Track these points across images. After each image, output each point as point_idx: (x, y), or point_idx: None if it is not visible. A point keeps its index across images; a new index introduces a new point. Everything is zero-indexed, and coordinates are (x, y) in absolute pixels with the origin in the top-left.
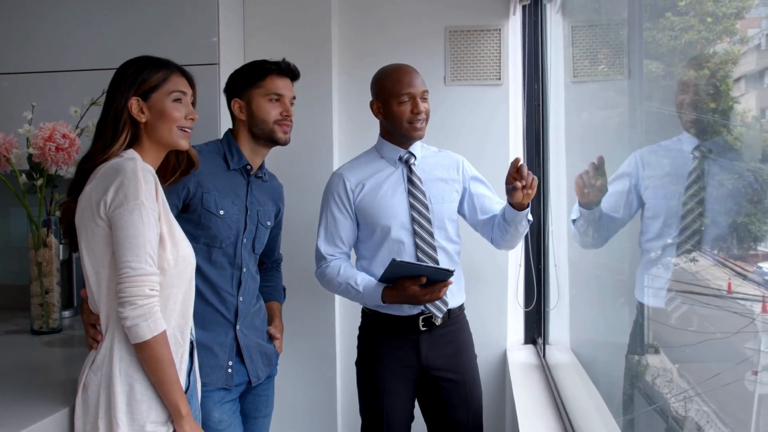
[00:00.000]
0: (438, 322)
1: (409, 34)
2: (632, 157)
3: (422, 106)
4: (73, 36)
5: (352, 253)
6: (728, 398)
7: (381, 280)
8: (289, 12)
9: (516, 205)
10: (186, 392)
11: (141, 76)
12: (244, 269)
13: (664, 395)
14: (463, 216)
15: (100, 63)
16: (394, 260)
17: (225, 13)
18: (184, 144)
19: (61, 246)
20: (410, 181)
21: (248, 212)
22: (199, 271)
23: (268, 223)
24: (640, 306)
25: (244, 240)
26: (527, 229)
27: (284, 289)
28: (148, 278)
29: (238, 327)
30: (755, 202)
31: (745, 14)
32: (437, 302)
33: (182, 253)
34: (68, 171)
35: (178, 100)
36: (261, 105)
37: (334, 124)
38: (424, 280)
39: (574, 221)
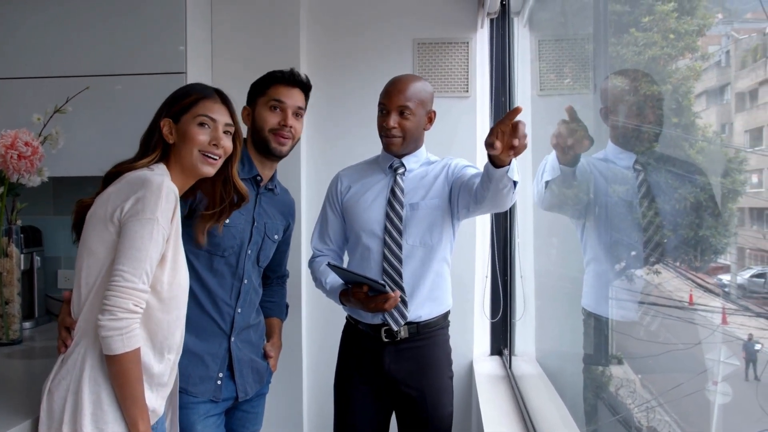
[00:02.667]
0: (401, 334)
1: (378, 46)
2: (587, 165)
3: (392, 120)
4: (37, 43)
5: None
6: (689, 408)
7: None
8: (257, 22)
9: (495, 161)
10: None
11: (177, 97)
12: (245, 281)
13: (628, 405)
14: (463, 209)
15: (64, 71)
16: (329, 263)
17: (192, 23)
18: (206, 170)
19: (22, 256)
20: (392, 190)
21: (255, 223)
22: (199, 279)
23: (276, 237)
24: (595, 316)
25: (248, 251)
26: (512, 191)
27: (287, 306)
28: (137, 294)
29: (232, 339)
30: (714, 215)
31: (705, 31)
32: (395, 314)
33: (178, 280)
34: (30, 179)
35: (203, 124)
36: (261, 112)
37: (302, 137)
38: (366, 288)
39: (547, 182)
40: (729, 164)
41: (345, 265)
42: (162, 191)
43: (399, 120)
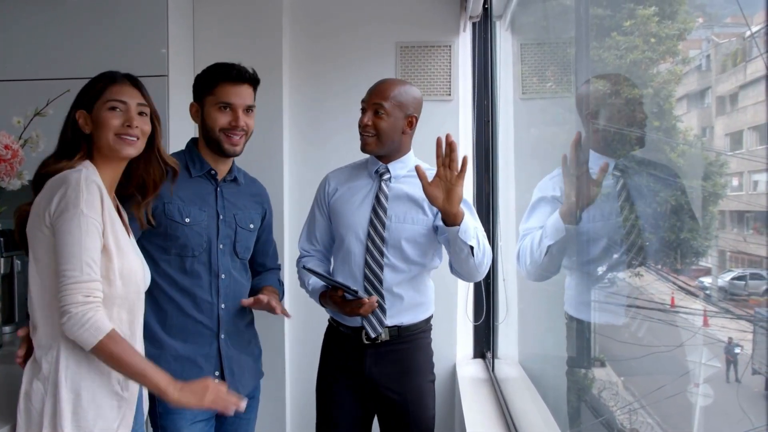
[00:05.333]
0: (382, 337)
1: (360, 49)
2: (550, 182)
3: (366, 118)
4: (17, 45)
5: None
6: (671, 410)
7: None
8: (240, 25)
9: (446, 218)
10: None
11: (87, 88)
12: (223, 275)
13: (610, 408)
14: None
15: (45, 73)
16: (304, 266)
17: (174, 25)
18: (127, 152)
19: (2, 260)
20: (377, 197)
21: (220, 217)
22: (174, 283)
23: (251, 226)
24: (579, 321)
25: (221, 245)
26: (471, 257)
27: (282, 284)
28: (83, 285)
29: (222, 337)
30: (691, 218)
31: (686, 36)
32: (372, 320)
33: (129, 265)
34: (10, 183)
35: (114, 108)
36: (210, 113)
37: (284, 140)
38: (340, 293)
39: (548, 247)
40: (710, 167)
41: (331, 267)
42: (81, 184)
43: (373, 118)
